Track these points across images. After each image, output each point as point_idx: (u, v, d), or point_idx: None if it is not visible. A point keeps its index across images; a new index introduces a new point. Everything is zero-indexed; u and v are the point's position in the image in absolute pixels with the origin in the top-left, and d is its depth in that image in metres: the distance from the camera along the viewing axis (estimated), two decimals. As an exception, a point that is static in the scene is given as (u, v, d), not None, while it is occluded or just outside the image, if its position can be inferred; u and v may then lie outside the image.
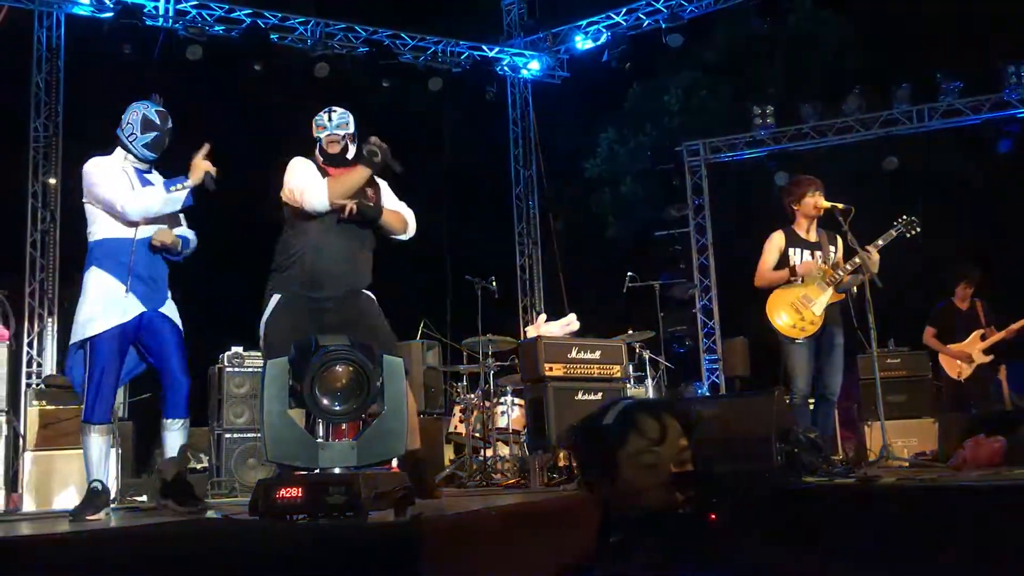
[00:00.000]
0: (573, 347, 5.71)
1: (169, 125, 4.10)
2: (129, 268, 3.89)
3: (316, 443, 2.41)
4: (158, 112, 4.07)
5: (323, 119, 4.16)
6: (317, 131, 4.15)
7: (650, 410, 2.36)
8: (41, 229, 9.59)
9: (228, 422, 7.94)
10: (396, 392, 2.48)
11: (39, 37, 9.81)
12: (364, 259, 4.13)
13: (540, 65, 11.67)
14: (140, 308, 3.90)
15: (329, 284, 3.95)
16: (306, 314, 3.91)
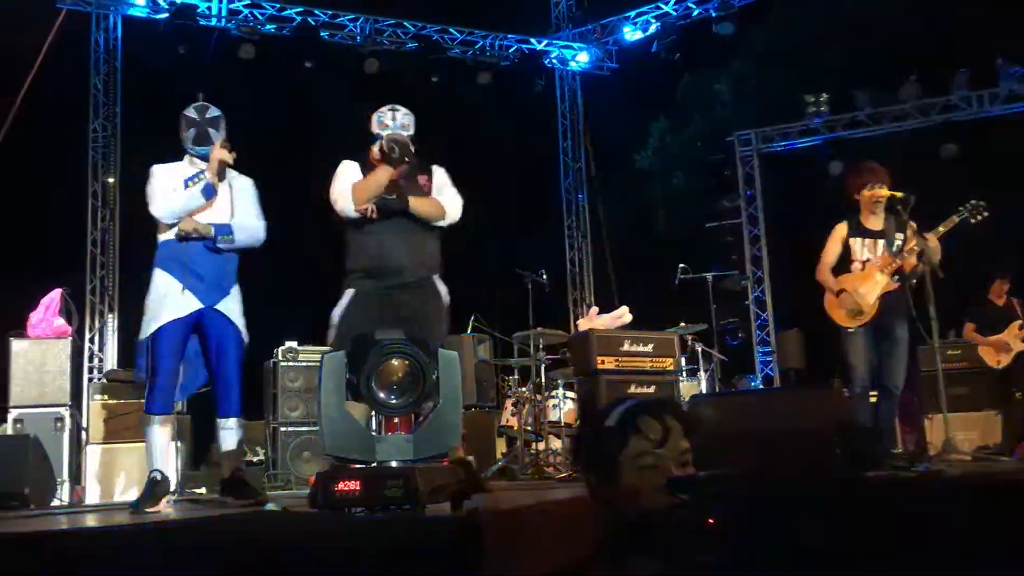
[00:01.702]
0: (625, 340, 5.69)
1: (210, 115, 4.17)
2: (186, 267, 3.99)
3: (373, 436, 2.43)
4: (196, 107, 4.16)
5: (386, 116, 4.20)
6: (379, 128, 4.18)
7: (652, 411, 2.32)
8: (101, 227, 9.80)
9: (283, 416, 8.05)
10: (451, 386, 2.49)
11: (96, 39, 10.02)
12: (426, 247, 4.14)
13: (589, 57, 11.61)
14: (197, 304, 3.99)
15: (393, 275, 4.01)
16: (375, 307, 3.96)
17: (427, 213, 4.15)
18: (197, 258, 4.03)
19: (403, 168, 4.10)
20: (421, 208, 4.12)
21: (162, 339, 3.97)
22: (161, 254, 4.08)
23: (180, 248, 4.03)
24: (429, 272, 4.14)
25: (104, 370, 9.39)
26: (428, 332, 3.65)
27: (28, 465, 5.14)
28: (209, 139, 4.15)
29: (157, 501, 3.76)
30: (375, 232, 4.08)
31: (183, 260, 4.02)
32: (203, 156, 4.16)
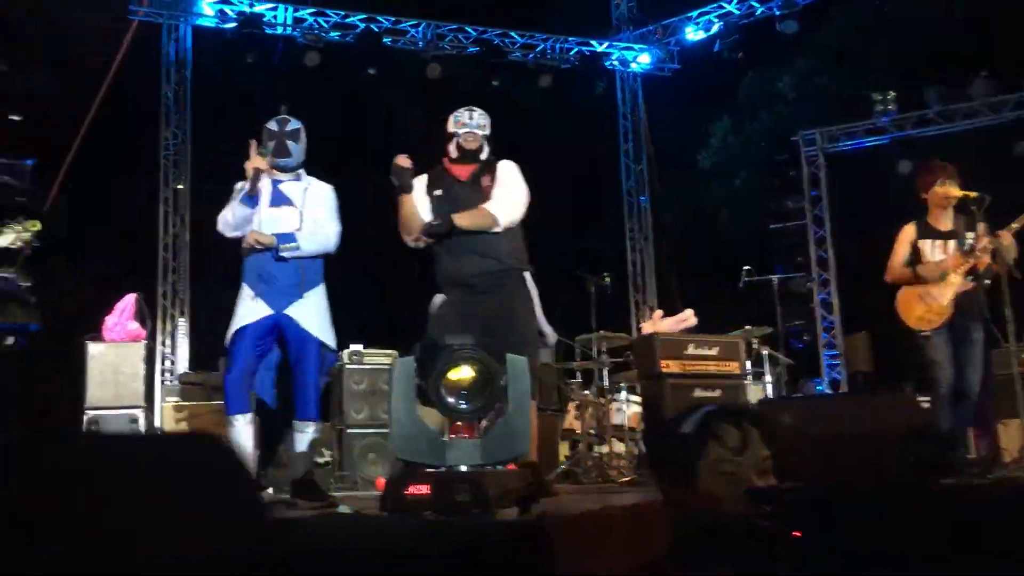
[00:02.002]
0: (690, 343, 5.65)
1: (290, 128, 4.26)
2: (257, 276, 4.12)
3: (443, 441, 2.46)
4: (278, 120, 4.25)
5: (463, 116, 4.24)
6: (456, 127, 4.23)
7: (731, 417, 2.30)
8: (172, 233, 10.06)
9: (349, 418, 8.16)
10: (521, 391, 2.51)
11: (167, 50, 10.28)
12: (503, 246, 4.11)
13: (650, 58, 11.56)
14: (267, 311, 4.08)
15: (468, 281, 4.04)
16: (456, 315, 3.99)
17: (475, 226, 4.11)
18: (267, 266, 4.14)
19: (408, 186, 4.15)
20: (466, 223, 4.09)
21: (234, 345, 4.13)
22: (244, 266, 4.23)
23: (254, 258, 4.17)
24: (512, 268, 4.13)
25: (175, 373, 9.63)
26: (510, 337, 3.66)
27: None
28: (288, 151, 4.24)
29: None
30: (446, 240, 4.13)
31: (254, 269, 4.16)
32: (281, 168, 4.26)
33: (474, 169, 4.25)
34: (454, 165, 4.26)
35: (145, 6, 9.89)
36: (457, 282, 4.09)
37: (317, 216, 4.27)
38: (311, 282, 4.24)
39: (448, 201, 4.16)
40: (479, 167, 4.27)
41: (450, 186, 4.22)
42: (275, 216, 4.18)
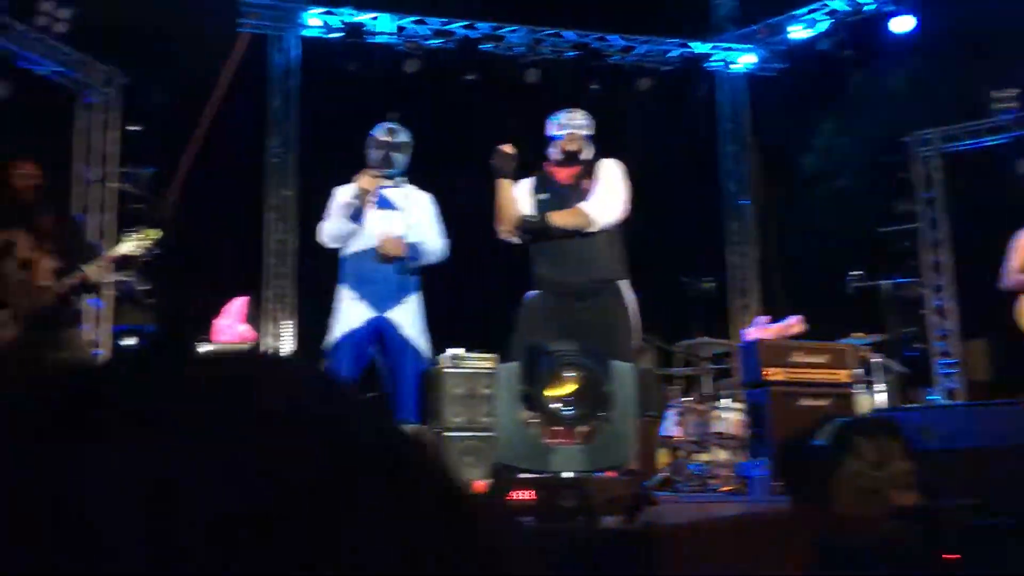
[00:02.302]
0: (796, 350, 5.49)
1: (398, 139, 4.31)
2: (360, 278, 4.15)
3: (547, 447, 2.44)
4: (387, 129, 4.29)
5: (563, 117, 4.22)
6: (556, 129, 4.21)
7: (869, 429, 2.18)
8: (278, 239, 10.33)
9: (447, 422, 8.23)
10: (625, 398, 2.47)
11: (275, 60, 10.58)
12: (605, 252, 4.07)
13: (754, 58, 11.32)
14: (371, 313, 4.12)
15: (568, 284, 4.01)
16: (551, 317, 3.97)
17: (570, 225, 4.05)
18: (369, 268, 4.18)
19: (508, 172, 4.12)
20: (561, 222, 4.03)
21: (338, 352, 4.17)
22: (342, 269, 4.29)
23: (355, 261, 4.20)
24: (610, 277, 4.08)
25: (281, 374, 9.88)
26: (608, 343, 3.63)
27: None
28: (393, 162, 4.29)
29: None
30: (545, 244, 4.11)
31: (357, 272, 4.19)
32: (387, 176, 4.31)
33: (577, 171, 4.22)
34: (557, 168, 4.24)
35: (253, 19, 10.20)
36: (553, 288, 4.05)
37: (420, 221, 4.31)
38: (411, 286, 4.28)
39: (553, 205, 4.14)
40: (582, 169, 4.23)
41: (554, 189, 4.20)
42: (379, 219, 4.24)
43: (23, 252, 4.40)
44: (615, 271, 4.11)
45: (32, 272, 4.35)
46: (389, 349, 4.22)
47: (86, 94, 9.45)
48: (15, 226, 4.44)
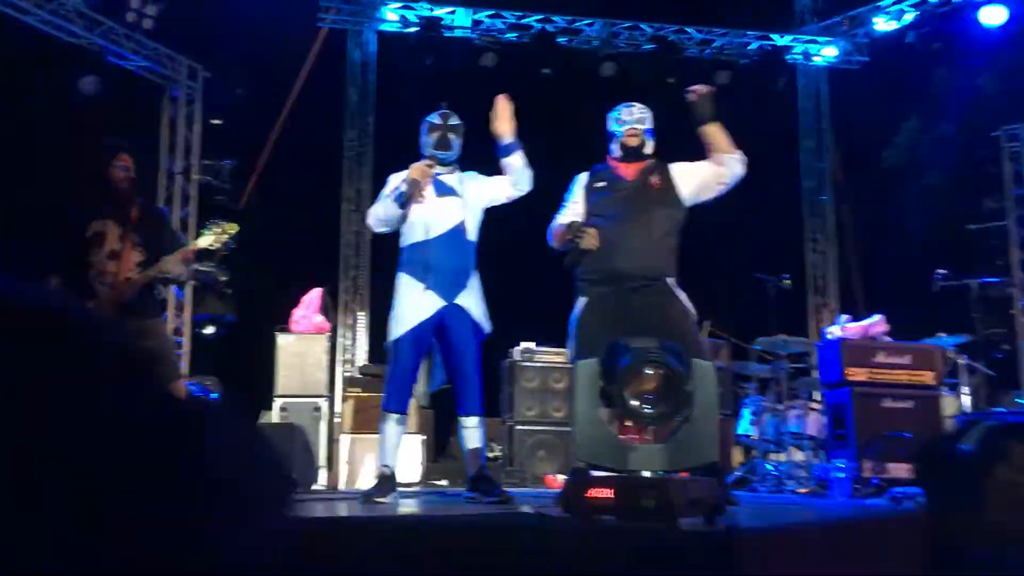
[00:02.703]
0: (879, 351, 5.35)
1: (452, 122, 4.30)
2: (425, 266, 4.13)
3: (626, 445, 2.41)
4: (440, 114, 4.29)
5: (622, 113, 4.16)
6: (616, 125, 4.16)
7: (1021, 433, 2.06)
8: (354, 230, 10.46)
9: (520, 415, 8.25)
10: (707, 397, 2.42)
11: (352, 55, 10.71)
12: (660, 248, 4.03)
13: (836, 51, 11.05)
14: (439, 303, 4.10)
15: (624, 278, 3.95)
16: (610, 314, 3.93)
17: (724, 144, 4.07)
18: (434, 256, 4.15)
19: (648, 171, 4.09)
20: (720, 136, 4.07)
21: (402, 345, 4.13)
22: (403, 258, 4.26)
23: (418, 249, 4.18)
24: (661, 275, 4.02)
25: (355, 364, 10.01)
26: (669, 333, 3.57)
27: (294, 452, 5.55)
28: (450, 144, 4.30)
29: (385, 494, 3.91)
30: (605, 234, 4.04)
31: (422, 260, 4.15)
32: (443, 160, 4.31)
33: (641, 167, 4.15)
34: (618, 164, 4.18)
35: (332, 14, 10.33)
36: (611, 277, 3.96)
37: (479, 191, 4.30)
38: (471, 269, 4.26)
39: (615, 200, 4.08)
40: (647, 165, 4.17)
41: (615, 181, 4.13)
42: (440, 205, 4.22)
43: (112, 243, 4.52)
44: (667, 269, 4.03)
45: (119, 263, 4.46)
46: (454, 336, 4.15)
47: (171, 88, 9.69)
48: (107, 217, 4.56)
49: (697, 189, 4.15)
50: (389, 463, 4.03)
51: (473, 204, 4.29)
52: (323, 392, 7.57)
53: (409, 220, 4.23)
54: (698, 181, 4.15)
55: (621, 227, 4.02)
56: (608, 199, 4.09)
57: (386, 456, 4.05)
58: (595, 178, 4.18)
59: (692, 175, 4.16)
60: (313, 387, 7.53)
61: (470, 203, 4.27)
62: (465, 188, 4.29)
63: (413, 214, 4.21)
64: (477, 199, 4.31)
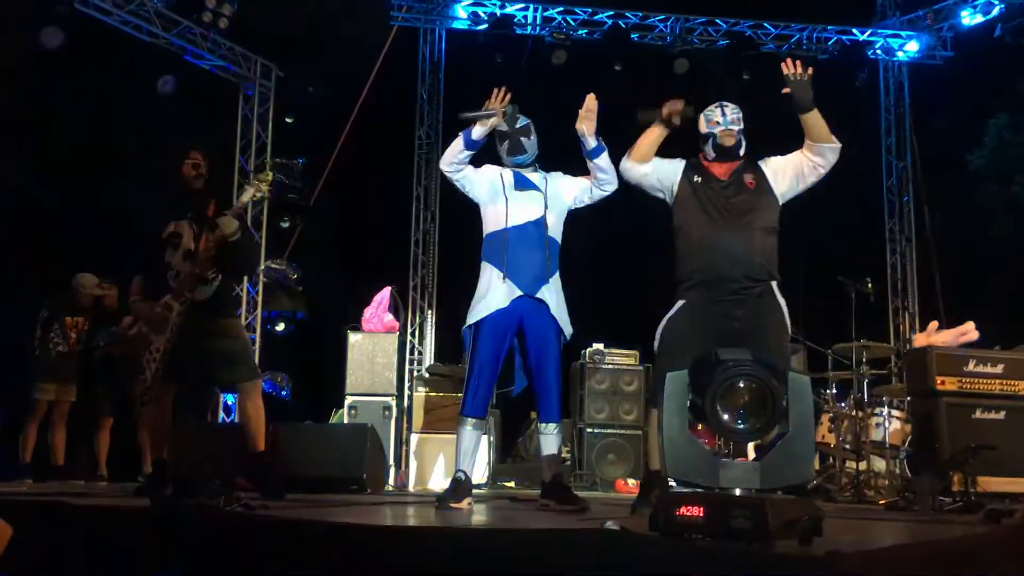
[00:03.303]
0: (971, 359, 5.12)
1: (519, 124, 4.22)
2: (504, 256, 4.05)
3: (717, 461, 2.30)
4: (506, 122, 4.21)
5: (715, 114, 4.05)
6: (709, 126, 4.05)
7: None
8: (423, 229, 10.47)
9: (589, 418, 8.16)
10: (803, 413, 2.30)
11: (423, 52, 10.72)
12: (761, 250, 3.91)
13: (918, 45, 10.68)
14: (516, 292, 4.02)
15: (725, 282, 3.84)
16: (706, 317, 3.82)
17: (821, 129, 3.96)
18: (512, 245, 4.07)
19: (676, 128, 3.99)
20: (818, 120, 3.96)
21: (484, 330, 4.04)
22: (485, 247, 4.19)
23: (498, 238, 4.10)
24: (766, 279, 3.90)
25: (423, 363, 10.02)
26: (765, 347, 3.45)
27: (366, 452, 5.54)
28: (522, 148, 4.22)
29: (460, 499, 3.84)
30: (701, 238, 3.94)
31: (500, 249, 4.08)
32: (519, 164, 4.23)
33: (734, 166, 4.05)
34: (711, 164, 4.07)
35: (404, 12, 10.35)
36: (709, 282, 3.87)
37: (563, 189, 4.22)
38: (554, 265, 4.16)
39: (710, 198, 3.97)
40: (740, 164, 4.05)
41: (710, 179, 4.03)
42: (521, 198, 4.15)
43: (188, 243, 4.55)
44: (771, 272, 3.93)
45: (195, 262, 4.49)
46: (534, 335, 4.06)
47: (246, 87, 9.81)
48: (182, 218, 4.59)
49: (791, 182, 4.03)
50: (465, 468, 3.96)
51: (557, 202, 4.21)
52: (392, 391, 7.57)
53: (490, 209, 4.17)
54: (792, 174, 4.03)
55: (719, 229, 3.91)
56: (703, 194, 3.98)
57: (462, 461, 3.99)
58: (692, 170, 4.08)
59: (785, 169, 4.04)
60: (383, 386, 7.54)
61: (553, 200, 4.19)
62: (548, 186, 4.22)
63: (494, 204, 4.15)
64: (562, 197, 4.23)
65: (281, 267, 9.40)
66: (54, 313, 7.13)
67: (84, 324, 7.22)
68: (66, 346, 7.07)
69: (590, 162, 4.17)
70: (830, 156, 3.99)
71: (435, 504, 3.84)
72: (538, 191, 4.18)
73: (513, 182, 4.18)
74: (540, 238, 4.11)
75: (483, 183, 4.20)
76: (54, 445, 7.09)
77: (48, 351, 7.05)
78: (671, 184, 4.09)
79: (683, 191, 4.05)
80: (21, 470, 6.83)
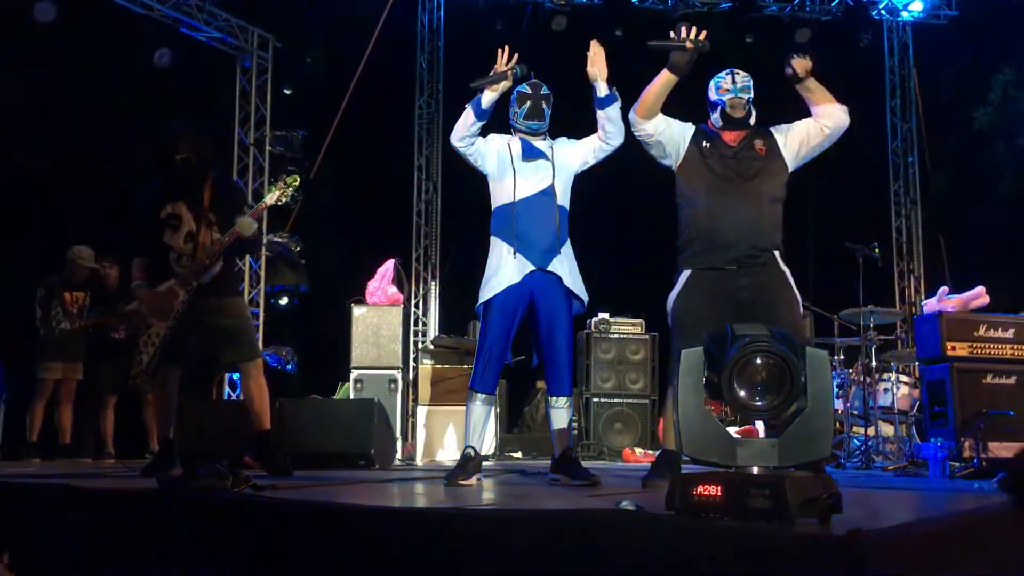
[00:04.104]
0: (981, 324, 5.08)
1: (544, 92, 4.15)
2: (514, 230, 3.98)
3: (735, 439, 2.26)
4: (530, 84, 4.14)
5: (725, 81, 3.96)
6: (718, 93, 3.96)
7: None
8: (425, 199, 10.39)
9: (595, 387, 8.15)
10: (821, 388, 2.25)
11: (422, 20, 10.58)
12: (765, 219, 3.86)
13: (923, 5, 10.53)
14: (529, 267, 3.96)
15: (728, 249, 3.78)
16: (714, 288, 3.77)
17: (827, 97, 3.93)
18: (522, 219, 4.00)
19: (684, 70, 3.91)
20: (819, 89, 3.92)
21: (494, 309, 3.99)
22: (493, 222, 4.12)
23: (507, 211, 4.04)
24: (769, 247, 3.84)
25: (428, 335, 9.99)
26: (775, 319, 3.40)
27: (373, 428, 5.52)
28: (543, 114, 4.14)
29: (469, 476, 3.80)
30: (707, 204, 3.88)
31: (510, 223, 4.02)
32: (534, 131, 4.15)
33: (744, 133, 3.98)
34: (721, 131, 4.00)
35: (402, -23, 10.19)
36: (713, 251, 3.81)
37: (570, 154, 4.15)
38: (564, 235, 4.10)
39: (720, 164, 3.90)
40: (750, 131, 3.99)
41: (720, 145, 3.96)
42: (529, 168, 4.07)
43: (188, 224, 4.50)
44: (775, 242, 3.87)
45: (197, 244, 4.44)
46: (544, 308, 4.00)
47: (243, 59, 9.68)
48: (179, 198, 4.53)
49: (799, 146, 3.96)
50: (474, 444, 3.93)
51: (564, 168, 4.13)
52: (398, 364, 7.55)
53: (498, 182, 4.10)
54: (800, 138, 3.96)
55: (726, 196, 3.86)
56: (712, 159, 3.91)
57: (471, 437, 3.95)
58: (701, 135, 4.00)
59: (795, 134, 3.98)
60: (388, 359, 7.51)
61: (560, 167, 4.12)
62: (555, 153, 4.14)
63: (502, 176, 4.08)
64: (569, 163, 4.16)
65: (283, 240, 9.33)
66: (52, 290, 7.09)
67: (84, 299, 7.18)
68: (69, 323, 7.04)
69: (599, 112, 4.08)
70: (837, 115, 3.92)
71: (444, 481, 3.81)
72: (546, 159, 4.11)
73: (521, 152, 4.11)
74: (550, 208, 4.05)
75: (492, 155, 4.12)
76: (60, 424, 7.08)
77: (51, 329, 7.02)
78: (678, 147, 4.01)
79: (691, 155, 3.98)
80: (29, 449, 6.83)
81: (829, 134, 3.95)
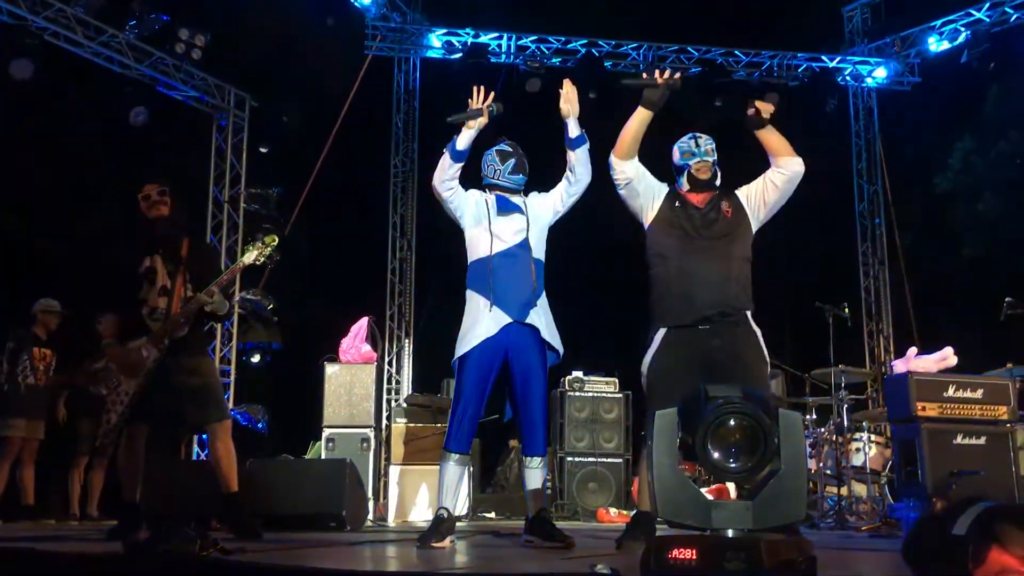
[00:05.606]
0: (950, 384, 5.13)
1: (520, 151, 4.24)
2: (490, 282, 3.99)
3: (709, 501, 2.26)
4: (508, 143, 4.22)
5: (689, 145, 4.03)
6: (683, 157, 4.02)
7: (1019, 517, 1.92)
8: (399, 257, 10.42)
9: (569, 446, 8.11)
10: (795, 450, 2.27)
11: (398, 81, 10.73)
12: (736, 275, 3.88)
13: (887, 72, 10.85)
14: (505, 319, 3.96)
15: (700, 308, 3.80)
16: (688, 347, 3.78)
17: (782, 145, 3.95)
18: (499, 272, 4.01)
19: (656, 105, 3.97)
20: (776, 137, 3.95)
21: (469, 364, 3.97)
22: (470, 275, 4.13)
23: (483, 264, 4.05)
24: (740, 307, 3.87)
25: (401, 392, 9.93)
26: (746, 380, 3.42)
27: (345, 488, 5.44)
28: (525, 170, 4.21)
29: (442, 538, 3.75)
30: (678, 262, 3.91)
31: (486, 276, 4.02)
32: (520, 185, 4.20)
33: (710, 196, 4.03)
34: (688, 194, 4.05)
35: (379, 41, 10.35)
36: (687, 312, 3.84)
37: (542, 205, 4.20)
38: (540, 288, 4.11)
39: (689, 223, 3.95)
40: (716, 194, 4.04)
41: (688, 208, 4.00)
42: (504, 222, 4.11)
43: (163, 279, 4.47)
44: (746, 302, 3.90)
45: (171, 299, 4.41)
46: (520, 363, 3.98)
47: (220, 117, 9.74)
48: (155, 252, 4.51)
49: (760, 204, 4.01)
50: (447, 505, 3.88)
51: (538, 221, 4.18)
52: (370, 423, 7.47)
53: (474, 235, 4.13)
54: (759, 196, 4.02)
55: (697, 255, 3.88)
56: (682, 219, 3.95)
57: (444, 498, 3.91)
58: (673, 195, 4.05)
59: (755, 191, 4.04)
60: (361, 417, 7.44)
61: (535, 220, 4.16)
62: (529, 207, 4.19)
63: (478, 230, 4.11)
64: (542, 215, 4.21)
65: (256, 297, 9.29)
66: (20, 344, 7.00)
67: (51, 357, 7.10)
68: (34, 378, 6.95)
69: (569, 152, 4.16)
70: (794, 164, 3.96)
71: (416, 544, 3.76)
72: (521, 213, 4.15)
73: (497, 206, 4.14)
74: (526, 261, 4.07)
75: (470, 206, 4.16)
76: (23, 484, 6.93)
77: (17, 385, 6.92)
78: (651, 199, 4.03)
79: (663, 213, 4.01)
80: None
81: (784, 187, 3.98)
